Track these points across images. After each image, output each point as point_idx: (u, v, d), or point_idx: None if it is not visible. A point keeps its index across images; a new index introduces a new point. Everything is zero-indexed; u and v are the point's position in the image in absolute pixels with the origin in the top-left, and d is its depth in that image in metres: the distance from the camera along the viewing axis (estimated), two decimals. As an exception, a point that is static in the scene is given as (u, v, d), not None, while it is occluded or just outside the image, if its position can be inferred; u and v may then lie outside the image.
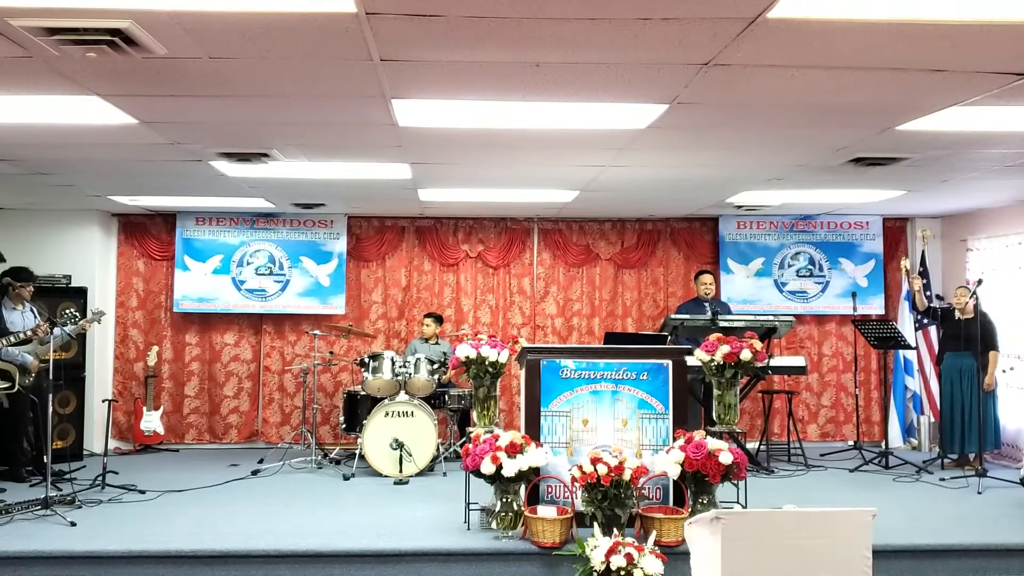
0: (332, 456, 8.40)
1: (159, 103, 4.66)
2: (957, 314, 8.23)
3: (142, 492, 6.95)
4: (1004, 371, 8.41)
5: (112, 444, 9.04)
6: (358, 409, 8.21)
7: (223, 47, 3.70)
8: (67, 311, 6.86)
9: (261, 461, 8.27)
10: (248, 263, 9.56)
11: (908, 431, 9.57)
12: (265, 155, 6.04)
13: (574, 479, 5.44)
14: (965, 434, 8.10)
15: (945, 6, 3.23)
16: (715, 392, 6.36)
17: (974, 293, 7.89)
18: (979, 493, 7.03)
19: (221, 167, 6.54)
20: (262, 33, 3.51)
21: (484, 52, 3.74)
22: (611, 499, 5.27)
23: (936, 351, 9.01)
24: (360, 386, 8.28)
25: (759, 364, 6.29)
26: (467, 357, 6.17)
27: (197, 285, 9.50)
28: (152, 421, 9.16)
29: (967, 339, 7.92)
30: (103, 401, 7.63)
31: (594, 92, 4.39)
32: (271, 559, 5.37)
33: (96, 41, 3.45)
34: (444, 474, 7.75)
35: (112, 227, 9.62)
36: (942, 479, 7.59)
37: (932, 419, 9.26)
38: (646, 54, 3.77)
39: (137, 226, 9.63)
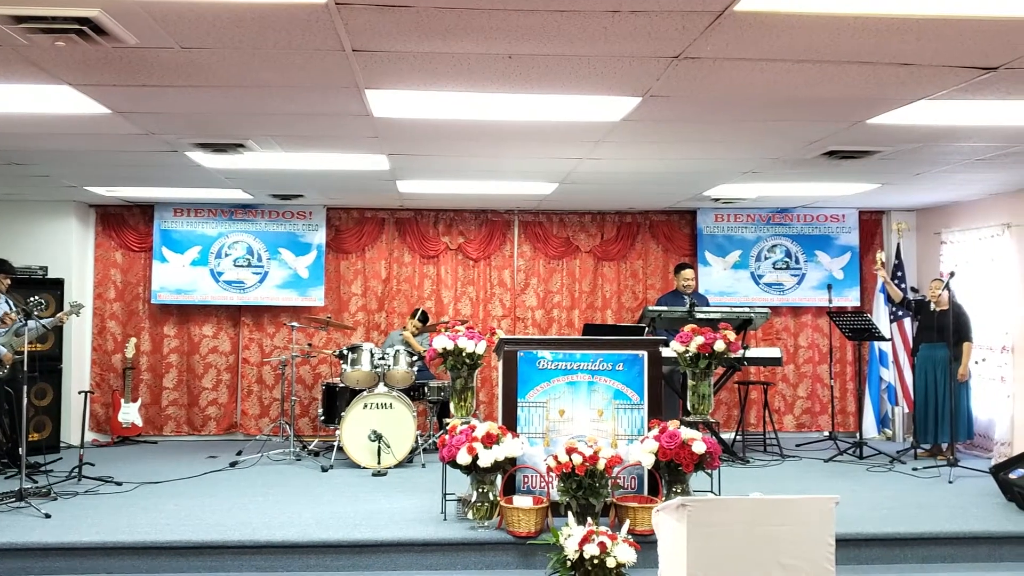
0: (311, 448, 8.41)
1: (132, 93, 4.65)
2: (932, 306, 8.32)
3: (119, 484, 6.94)
4: (976, 362, 8.51)
5: (90, 436, 9.02)
6: (337, 401, 8.22)
7: (194, 37, 3.70)
8: (31, 299, 6.80)
9: (239, 453, 8.27)
10: (226, 254, 9.54)
11: (883, 422, 9.67)
12: (240, 146, 6.04)
13: (549, 469, 5.48)
14: (938, 424, 8.20)
15: (911, 1, 3.27)
16: (690, 383, 6.42)
17: (947, 285, 7.99)
18: (950, 482, 7.12)
19: (197, 158, 6.52)
20: (233, 23, 3.52)
21: (456, 43, 3.75)
22: (586, 488, 5.32)
23: (911, 343, 9.10)
24: (339, 378, 8.29)
25: (733, 355, 6.35)
26: (444, 348, 6.20)
27: (175, 277, 9.47)
28: (130, 413, 9.14)
29: (941, 330, 8.01)
30: (79, 393, 7.60)
31: (567, 84, 4.41)
32: (247, 550, 5.39)
33: (65, 30, 3.45)
34: (423, 465, 7.78)
35: (89, 218, 9.58)
36: (915, 469, 7.68)
37: (906, 410, 9.36)
38: (617, 47, 3.80)
39: (115, 217, 9.59)
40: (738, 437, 8.75)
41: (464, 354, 6.18)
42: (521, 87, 4.46)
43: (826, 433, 9.44)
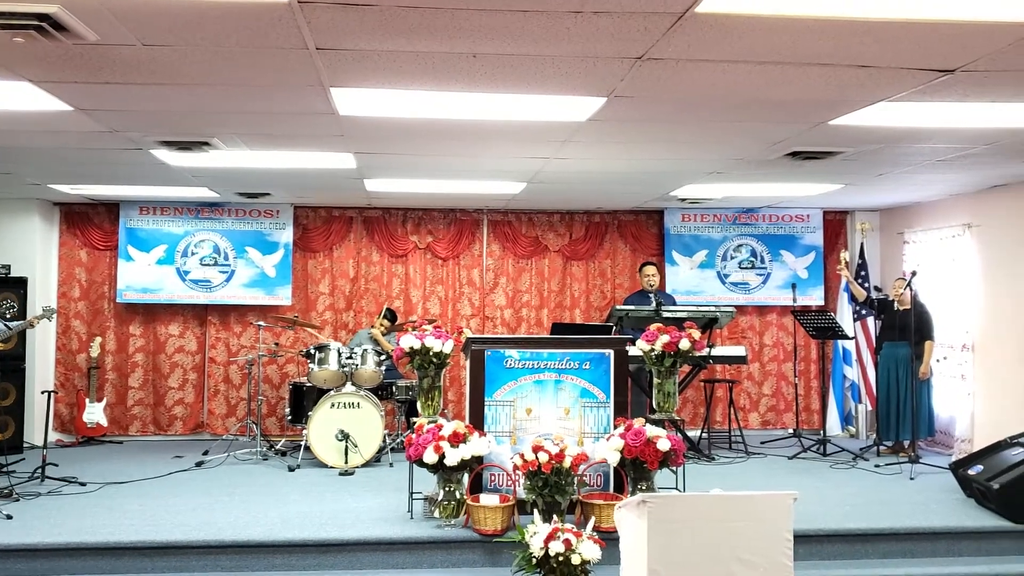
0: (278, 447, 8.37)
1: (94, 90, 4.61)
2: (896, 305, 8.44)
3: (83, 484, 6.87)
4: (938, 360, 8.65)
5: (54, 436, 8.91)
6: (304, 400, 8.19)
7: (156, 34, 3.67)
8: (2, 303, 6.73)
9: (206, 453, 8.22)
10: (193, 253, 9.47)
11: (846, 419, 9.80)
12: (206, 144, 6.00)
13: (516, 467, 5.51)
14: (900, 422, 8.32)
15: (869, 4, 3.32)
16: (655, 381, 6.47)
17: (909, 284, 8.11)
18: (911, 479, 7.24)
19: (162, 156, 6.47)
20: (195, 21, 3.50)
21: (420, 42, 3.76)
22: (551, 486, 5.35)
23: (875, 341, 9.22)
24: (306, 377, 8.26)
25: (698, 353, 6.41)
26: (411, 347, 6.19)
27: (141, 275, 9.39)
28: (95, 413, 9.05)
29: (903, 329, 8.13)
30: (43, 393, 7.51)
31: (533, 84, 4.43)
32: (212, 550, 5.37)
33: (24, 26, 3.41)
34: (391, 465, 7.77)
35: (54, 217, 9.47)
36: (877, 465, 7.79)
37: (869, 407, 9.48)
38: (580, 47, 3.83)
39: (79, 216, 9.48)
40: (704, 435, 8.83)
41: (431, 353, 6.18)
42: (487, 86, 4.47)
43: (790, 430, 9.55)
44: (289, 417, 8.34)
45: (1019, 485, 5.84)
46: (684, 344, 6.23)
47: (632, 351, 6.52)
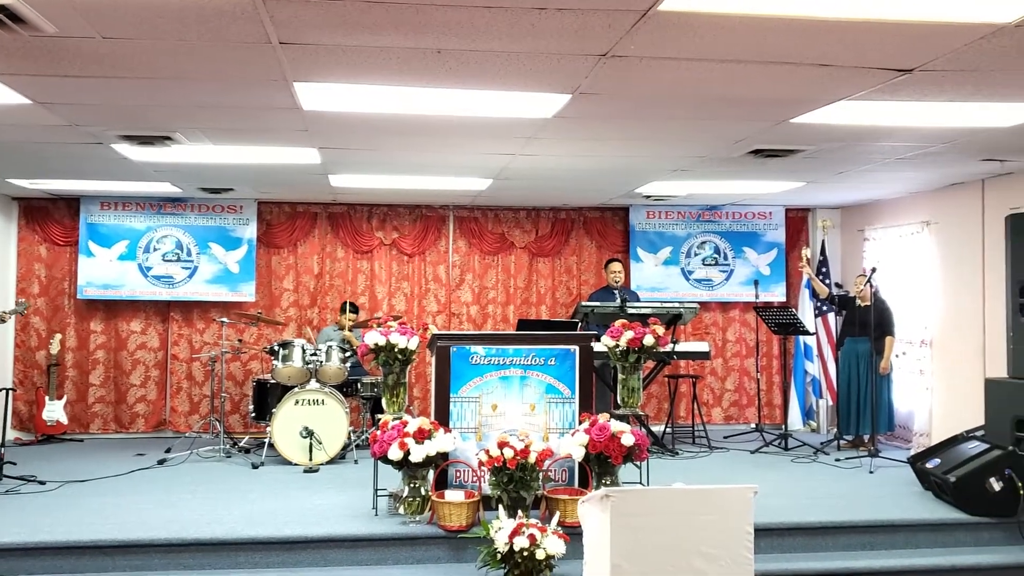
0: (241, 445, 8.31)
1: (53, 83, 4.54)
2: (857, 301, 8.56)
3: (42, 483, 6.77)
4: (897, 356, 8.79)
5: (12, 435, 8.78)
6: (268, 397, 8.14)
7: (116, 27, 3.63)
8: None
9: (168, 450, 8.14)
10: (155, 249, 9.37)
11: (807, 414, 9.93)
12: (168, 138, 5.94)
13: (481, 463, 5.51)
14: (860, 416, 8.45)
15: (830, 3, 3.36)
16: (620, 376, 6.52)
17: (869, 280, 8.23)
18: (871, 472, 7.35)
19: (123, 150, 6.39)
20: (156, 14, 3.46)
21: (384, 37, 3.75)
22: (517, 482, 5.36)
23: (836, 337, 9.35)
24: (270, 374, 8.20)
25: (662, 349, 6.46)
26: (376, 344, 6.17)
27: (102, 271, 9.27)
28: (55, 411, 8.92)
29: (864, 325, 8.26)
30: (1, 390, 7.39)
31: (498, 80, 4.44)
32: (174, 548, 5.32)
33: (-21, 17, 3.36)
34: (355, 462, 7.75)
35: (12, 211, 9.31)
36: (837, 459, 7.90)
37: (830, 402, 9.61)
38: (545, 44, 3.84)
39: (39, 210, 9.34)
40: (668, 429, 8.90)
41: (396, 350, 6.17)
42: (452, 82, 4.47)
43: (753, 425, 9.66)
44: (253, 414, 8.28)
45: (975, 478, 5.95)
46: (648, 340, 6.28)
47: (597, 347, 6.55)
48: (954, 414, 7.97)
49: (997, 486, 5.91)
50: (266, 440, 7.79)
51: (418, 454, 5.54)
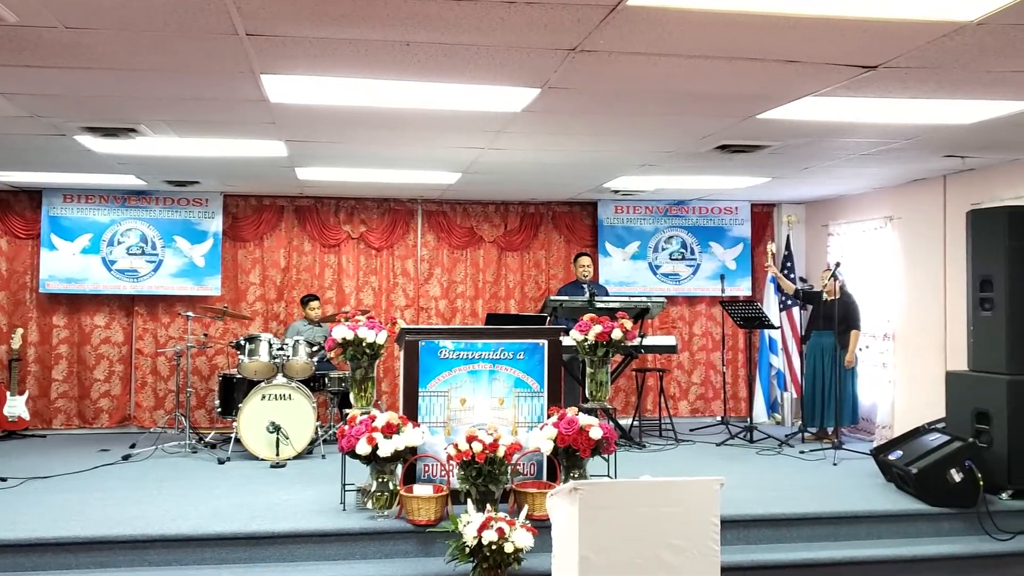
0: (207, 440, 8.24)
1: (14, 73, 4.46)
2: (824, 295, 8.67)
3: (3, 480, 6.66)
4: (861, 349, 8.91)
5: (-29, 431, 8.65)
6: (234, 392, 8.07)
7: (79, 17, 3.58)
8: None
9: (133, 446, 8.03)
10: (119, 242, 9.25)
11: (772, 407, 10.03)
12: (132, 130, 5.86)
13: (450, 457, 5.51)
14: (825, 409, 8.56)
15: (797, 0, 3.40)
16: (588, 370, 6.55)
17: (833, 275, 8.34)
18: (834, 464, 7.44)
19: (86, 142, 6.31)
20: (120, 4, 3.42)
21: (352, 29, 3.73)
22: (485, 476, 5.37)
23: (799, 331, 9.47)
24: (236, 369, 8.14)
25: (630, 343, 6.50)
26: (344, 339, 6.15)
27: (65, 265, 9.14)
28: (16, 406, 8.78)
29: (829, 319, 8.36)
30: (-40, 386, 7.29)
31: (467, 74, 4.43)
32: (140, 544, 5.26)
33: (-61, 6, 3.30)
34: (323, 456, 7.71)
35: (-30, 204, 9.17)
36: (802, 452, 8.00)
37: (794, 395, 9.73)
38: (514, 37, 3.84)
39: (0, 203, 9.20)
40: (635, 422, 8.95)
41: (364, 344, 6.15)
42: (420, 75, 4.46)
43: (719, 418, 9.74)
44: (219, 409, 8.21)
45: (936, 470, 6.05)
46: (616, 334, 6.31)
47: (566, 341, 6.57)
48: (916, 407, 8.10)
49: (957, 477, 6.01)
50: (232, 435, 7.73)
51: (386, 449, 5.52)
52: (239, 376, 8.04)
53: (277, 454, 7.48)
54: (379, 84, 4.64)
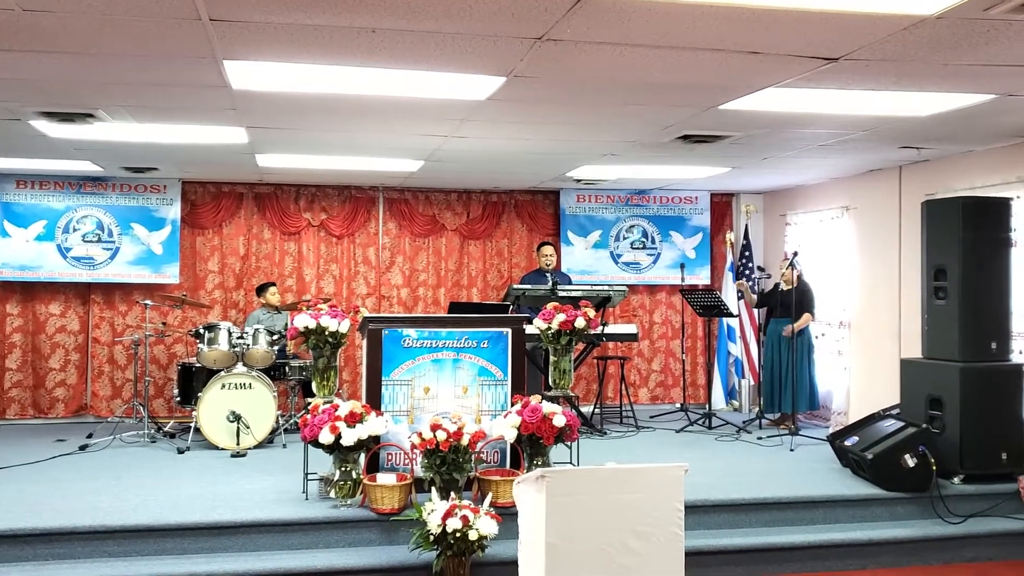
0: (166, 429, 8.14)
1: (-32, 56, 4.37)
2: (782, 285, 8.80)
3: (-45, 471, 6.55)
4: (817, 337, 9.06)
5: (-79, 422, 8.46)
6: (193, 381, 7.99)
7: (37, -1, 3.51)
8: None
9: (90, 436, 7.92)
10: (74, 229, 9.09)
11: (730, 394, 10.17)
12: (90, 116, 5.76)
13: (414, 446, 5.51)
14: (783, 395, 8.71)
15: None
16: (552, 358, 6.58)
17: (791, 264, 8.47)
18: (791, 450, 7.57)
19: (42, 127, 6.18)
20: (81, -14, 3.36)
21: (318, 15, 3.70)
22: (449, 464, 5.37)
23: (757, 319, 9.59)
24: (195, 358, 8.05)
25: (593, 331, 6.54)
26: (306, 327, 6.10)
27: (18, 252, 8.95)
28: (-33, 397, 8.61)
29: (786, 307, 8.49)
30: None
31: (433, 61, 4.42)
32: (98, 535, 5.19)
33: None
34: (284, 446, 7.66)
35: (-81, 189, 8.94)
36: (759, 438, 8.12)
37: (752, 382, 9.86)
38: (481, 25, 3.83)
39: (-52, 189, 8.99)
40: (596, 410, 9.02)
41: (327, 333, 6.11)
42: (386, 62, 4.44)
43: (678, 405, 9.85)
44: (178, 398, 8.12)
45: (891, 455, 6.18)
46: (580, 323, 6.35)
47: (529, 330, 6.60)
48: (870, 393, 8.26)
49: (912, 462, 6.15)
50: (192, 424, 7.65)
51: (350, 438, 5.50)
52: (198, 365, 7.95)
53: (238, 443, 7.42)
54: (344, 71, 4.61)
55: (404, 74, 4.67)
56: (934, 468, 6.11)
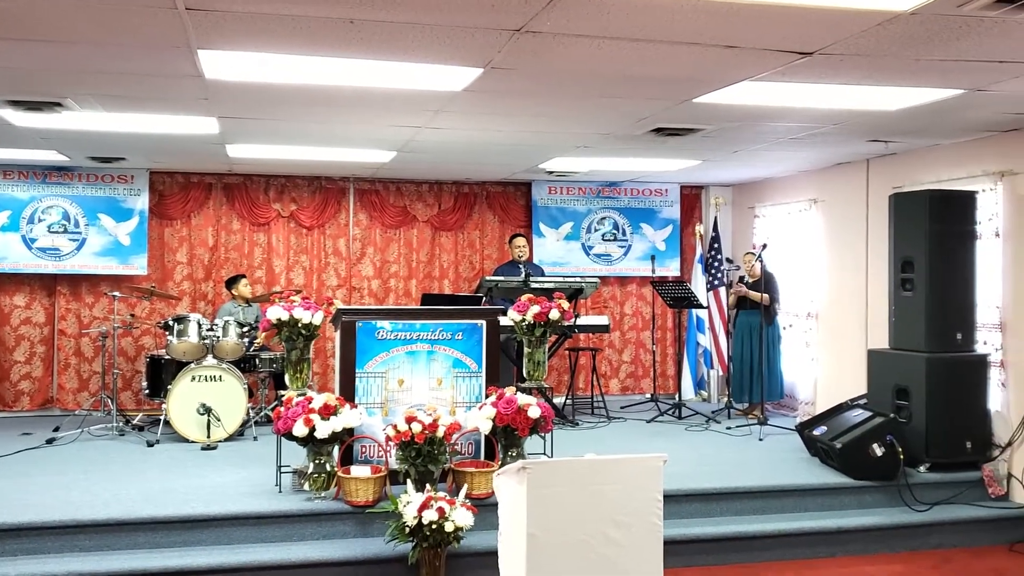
0: (135, 422, 8.06)
1: (-66, 43, 4.28)
2: (747, 278, 8.89)
3: (-81, 466, 6.44)
4: (784, 328, 9.17)
5: None
6: (162, 374, 7.91)
7: (10, -14, 3.45)
8: None
9: (57, 429, 7.81)
10: (40, 220, 8.94)
11: (699, 384, 10.27)
12: (58, 104, 5.66)
13: (388, 438, 5.50)
14: (752, 386, 8.81)
15: (738, -14, 3.47)
16: (526, 350, 6.60)
17: (759, 257, 8.56)
18: (760, 440, 7.67)
19: (7, 116, 6.07)
20: (55, -27, 3.31)
21: (296, 5, 3.67)
22: (425, 456, 5.38)
23: (726, 311, 9.68)
24: (164, 350, 7.97)
25: (566, 323, 6.57)
26: (279, 319, 6.07)
27: (-19, 244, 8.81)
28: (-71, 390, 8.46)
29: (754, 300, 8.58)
30: None
31: (410, 52, 4.40)
32: (69, 530, 5.14)
33: None
34: (255, 438, 7.62)
35: None
36: (729, 428, 8.22)
37: (721, 373, 9.96)
38: (460, 17, 3.82)
39: (-92, 178, 8.80)
40: (568, 401, 9.06)
41: (300, 325, 6.08)
42: (363, 53, 4.41)
43: (648, 395, 9.94)
44: (146, 391, 8.04)
45: (859, 444, 6.29)
46: (554, 314, 6.38)
47: (503, 321, 6.61)
48: (838, 383, 8.38)
49: (879, 451, 6.26)
50: (161, 417, 7.57)
51: (324, 430, 5.49)
52: (167, 357, 7.87)
53: (208, 436, 7.36)
54: (320, 61, 4.57)
55: (381, 65, 4.64)
56: (901, 457, 6.22)
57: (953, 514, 6.15)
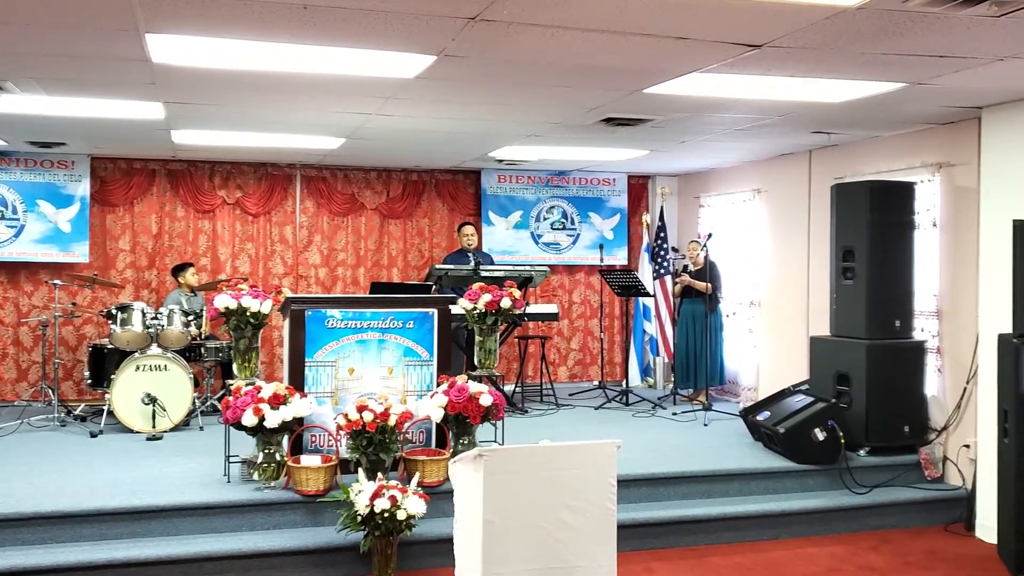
0: (77, 413, 7.90)
1: None
2: (691, 267, 9.03)
3: None
4: (728, 316, 9.33)
5: None
6: (105, 363, 7.76)
7: (-49, -36, 3.35)
8: None
9: (-6, 421, 7.64)
10: (-26, 207, 8.71)
11: (645, 371, 10.40)
12: (-3, 87, 5.52)
13: (339, 427, 5.48)
14: (696, 372, 8.96)
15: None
16: (477, 338, 6.62)
17: (704, 246, 8.70)
18: (705, 425, 7.81)
19: (-58, 98, 5.89)
20: (-1, -47, 3.22)
21: (249, -9, 3.63)
22: (376, 445, 5.37)
23: (671, 299, 9.82)
24: (107, 339, 7.82)
25: (517, 311, 6.60)
26: (227, 308, 5.99)
27: (-89, 230, 8.54)
28: None
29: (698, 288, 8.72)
30: None
31: (363, 38, 4.37)
32: (12, 523, 5.03)
33: None
34: (201, 428, 7.52)
35: None
36: (674, 414, 8.34)
37: (667, 360, 10.10)
38: (416, 4, 3.81)
39: None
40: (518, 389, 9.11)
41: (248, 314, 6.01)
42: (316, 39, 4.37)
43: (596, 383, 10.04)
44: (89, 381, 7.88)
45: (801, 429, 6.43)
46: (506, 303, 6.41)
47: (454, 310, 6.62)
48: (780, 369, 8.56)
49: (821, 436, 6.41)
50: (105, 408, 7.44)
51: (273, 420, 5.44)
52: (111, 346, 7.73)
53: (153, 426, 7.26)
54: (272, 47, 4.52)
55: (333, 51, 4.61)
56: (842, 441, 6.38)
57: (892, 496, 6.33)
